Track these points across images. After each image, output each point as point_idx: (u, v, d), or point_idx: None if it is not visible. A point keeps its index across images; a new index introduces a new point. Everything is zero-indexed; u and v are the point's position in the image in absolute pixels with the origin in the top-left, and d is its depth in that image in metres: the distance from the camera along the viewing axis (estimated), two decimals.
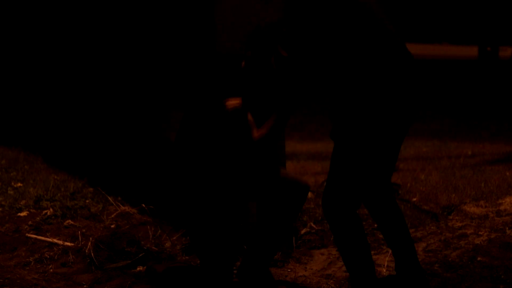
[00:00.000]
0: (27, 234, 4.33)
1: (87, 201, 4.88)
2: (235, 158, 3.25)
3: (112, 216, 4.59)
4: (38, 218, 4.55)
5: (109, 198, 4.82)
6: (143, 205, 4.59)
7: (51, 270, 3.90)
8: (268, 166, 3.38)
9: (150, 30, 12.90)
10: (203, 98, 3.32)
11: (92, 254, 3.93)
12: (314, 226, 4.49)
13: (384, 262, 3.94)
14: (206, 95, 3.32)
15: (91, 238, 4.10)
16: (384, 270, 3.83)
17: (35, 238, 4.27)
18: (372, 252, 4.14)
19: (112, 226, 4.45)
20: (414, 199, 5.18)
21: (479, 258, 3.89)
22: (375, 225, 4.54)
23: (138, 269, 3.87)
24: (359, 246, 3.18)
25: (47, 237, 4.28)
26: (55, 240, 4.21)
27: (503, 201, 4.83)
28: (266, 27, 3.24)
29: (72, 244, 4.14)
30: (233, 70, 3.34)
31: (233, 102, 3.20)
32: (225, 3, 3.98)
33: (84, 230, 4.33)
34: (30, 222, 4.49)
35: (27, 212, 4.70)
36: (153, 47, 12.85)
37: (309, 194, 5.16)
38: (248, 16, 3.95)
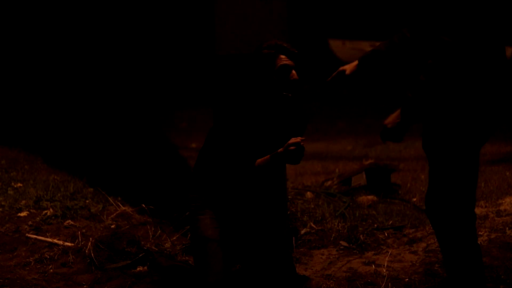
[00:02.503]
0: (27, 234, 4.33)
1: (87, 201, 4.88)
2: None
3: (112, 216, 4.59)
4: (38, 218, 4.55)
5: (109, 198, 4.82)
6: (143, 205, 4.59)
7: (51, 270, 3.90)
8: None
9: (151, 30, 12.90)
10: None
11: (92, 254, 3.93)
12: (314, 226, 4.48)
13: (384, 262, 3.93)
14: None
15: (91, 238, 4.10)
16: (384, 270, 3.83)
17: (35, 238, 4.26)
18: (372, 252, 4.15)
19: (112, 226, 4.45)
20: (414, 199, 5.18)
21: None
22: (375, 225, 4.54)
23: (138, 269, 3.87)
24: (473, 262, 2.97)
25: (47, 237, 4.28)
26: (55, 240, 4.21)
27: (503, 201, 4.83)
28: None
29: (72, 244, 4.14)
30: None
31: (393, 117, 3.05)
32: (225, 3, 3.97)
33: (84, 230, 4.33)
34: (30, 222, 4.49)
35: (27, 212, 4.69)
36: (154, 47, 12.84)
37: (309, 194, 5.16)
38: (248, 17, 3.95)
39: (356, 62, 3.24)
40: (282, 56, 3.23)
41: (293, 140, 3.13)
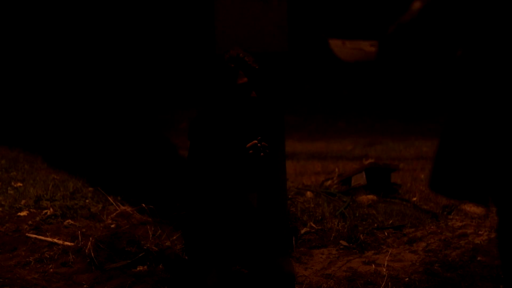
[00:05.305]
0: (27, 234, 4.33)
1: (87, 200, 4.88)
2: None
3: (112, 215, 4.59)
4: (38, 218, 4.55)
5: (109, 198, 4.82)
6: (143, 205, 4.59)
7: (51, 270, 3.90)
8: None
9: (151, 30, 12.91)
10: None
11: (92, 254, 3.94)
12: (314, 226, 4.48)
13: (384, 262, 3.94)
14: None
15: (91, 238, 4.10)
16: (384, 270, 3.83)
17: (35, 238, 4.27)
18: (372, 252, 4.15)
19: (112, 226, 4.45)
20: (414, 199, 5.18)
21: (479, 258, 3.89)
22: (375, 225, 4.54)
23: (138, 268, 3.87)
24: None
25: (47, 237, 4.28)
26: (55, 240, 4.21)
27: None
28: None
29: (72, 244, 4.14)
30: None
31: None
32: (224, 3, 3.98)
33: (84, 230, 4.33)
34: (30, 222, 4.49)
35: (27, 212, 4.70)
36: (155, 47, 12.84)
37: (309, 194, 5.16)
38: (248, 17, 3.95)
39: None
40: (241, 72, 3.10)
41: (249, 144, 3.08)
